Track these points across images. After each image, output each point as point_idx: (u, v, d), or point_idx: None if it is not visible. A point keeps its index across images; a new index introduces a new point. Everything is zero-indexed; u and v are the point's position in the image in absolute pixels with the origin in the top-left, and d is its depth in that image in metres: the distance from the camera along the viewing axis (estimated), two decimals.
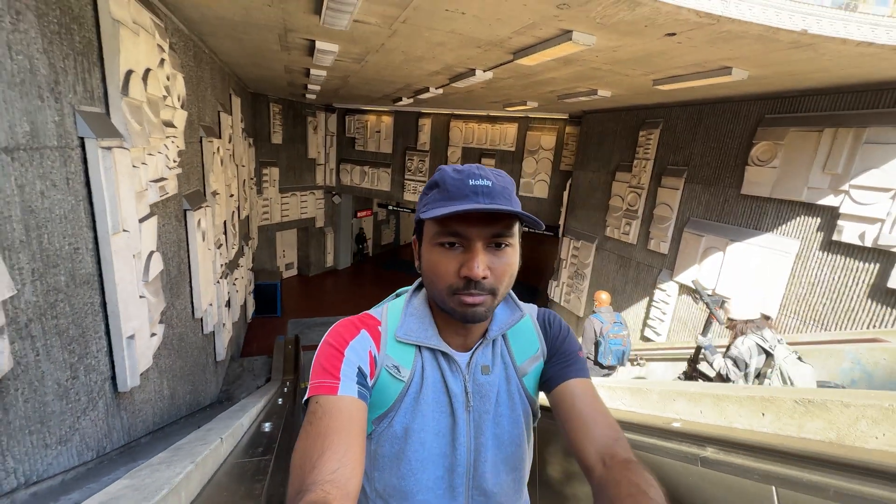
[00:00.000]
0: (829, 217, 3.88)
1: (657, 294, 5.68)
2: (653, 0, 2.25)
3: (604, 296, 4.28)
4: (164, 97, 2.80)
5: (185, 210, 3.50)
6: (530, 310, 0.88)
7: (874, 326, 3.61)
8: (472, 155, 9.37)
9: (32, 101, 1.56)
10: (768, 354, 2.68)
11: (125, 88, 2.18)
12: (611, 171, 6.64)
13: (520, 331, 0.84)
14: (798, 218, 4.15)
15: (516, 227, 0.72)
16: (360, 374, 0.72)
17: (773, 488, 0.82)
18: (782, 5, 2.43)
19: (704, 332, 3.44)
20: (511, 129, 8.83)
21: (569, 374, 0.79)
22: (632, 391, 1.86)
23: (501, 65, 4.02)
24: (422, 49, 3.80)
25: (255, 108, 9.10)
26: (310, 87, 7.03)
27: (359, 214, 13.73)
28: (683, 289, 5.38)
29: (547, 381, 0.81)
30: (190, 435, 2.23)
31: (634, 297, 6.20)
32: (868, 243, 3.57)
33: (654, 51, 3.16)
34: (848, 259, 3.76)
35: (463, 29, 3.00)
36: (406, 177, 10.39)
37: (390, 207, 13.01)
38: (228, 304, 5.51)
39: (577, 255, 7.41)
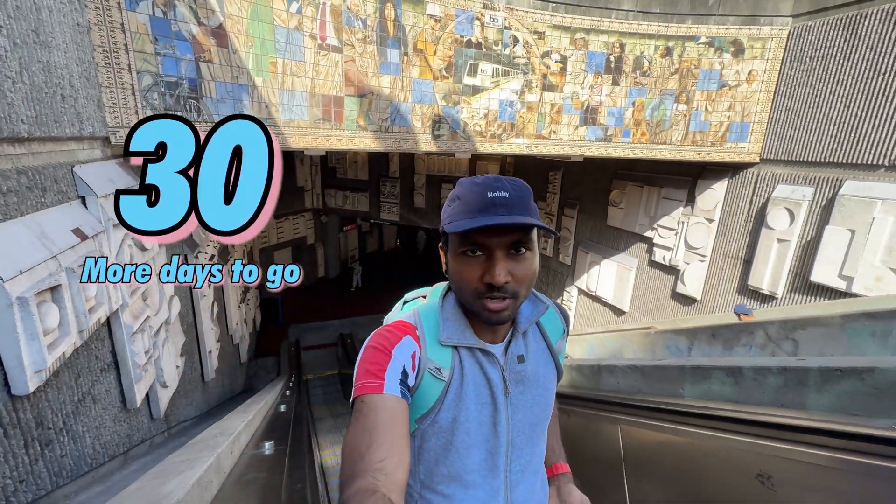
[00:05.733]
0: (649, 245, 5.81)
1: (565, 295, 7.63)
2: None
3: None
4: None
5: None
6: (548, 300, 1.00)
7: (674, 316, 5.57)
8: (434, 181, 11.22)
9: None
10: None
11: None
12: (535, 200, 8.52)
13: (549, 318, 0.97)
14: (636, 244, 6.08)
15: (534, 233, 0.79)
16: (404, 373, 0.79)
17: None
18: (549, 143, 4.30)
19: None
20: (464, 161, 10.68)
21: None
22: None
23: None
24: None
25: None
26: None
27: (345, 228, 15.56)
28: (581, 292, 7.33)
29: None
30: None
31: (553, 296, 8.13)
32: (667, 262, 5.51)
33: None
34: (659, 272, 5.71)
35: None
36: (381, 199, 12.23)
37: (372, 222, 14.87)
38: (245, 320, 7.39)
39: None
